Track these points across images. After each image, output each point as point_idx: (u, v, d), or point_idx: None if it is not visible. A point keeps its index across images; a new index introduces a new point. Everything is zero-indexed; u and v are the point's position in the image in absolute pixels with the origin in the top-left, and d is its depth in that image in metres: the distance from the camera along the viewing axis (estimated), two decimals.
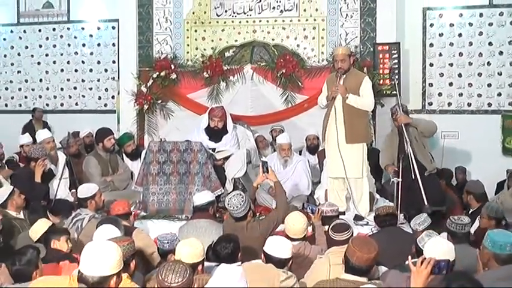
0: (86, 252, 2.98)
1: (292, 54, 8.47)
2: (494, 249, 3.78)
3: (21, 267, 3.82)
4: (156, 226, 6.31)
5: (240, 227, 5.20)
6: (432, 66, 9.35)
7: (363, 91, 6.27)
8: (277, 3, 8.71)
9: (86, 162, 7.35)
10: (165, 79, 8.62)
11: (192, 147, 6.76)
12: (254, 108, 8.57)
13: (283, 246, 4.19)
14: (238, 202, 5.24)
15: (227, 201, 5.34)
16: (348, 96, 6.17)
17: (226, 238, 4.47)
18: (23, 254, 3.88)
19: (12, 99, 10.77)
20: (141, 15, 8.97)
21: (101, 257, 2.93)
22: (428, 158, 6.83)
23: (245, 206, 5.29)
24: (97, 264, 2.92)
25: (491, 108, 9.17)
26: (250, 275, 3.59)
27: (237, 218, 5.29)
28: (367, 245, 3.67)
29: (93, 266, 2.92)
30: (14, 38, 10.66)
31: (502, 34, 9.07)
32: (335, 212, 5.62)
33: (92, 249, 2.99)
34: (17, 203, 5.77)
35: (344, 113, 6.27)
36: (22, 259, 3.84)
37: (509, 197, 7.68)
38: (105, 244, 3.12)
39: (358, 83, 6.28)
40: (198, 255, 3.96)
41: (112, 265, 2.95)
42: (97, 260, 2.93)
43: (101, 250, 2.99)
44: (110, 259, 2.95)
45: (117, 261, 2.98)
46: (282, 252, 4.13)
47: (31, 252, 3.91)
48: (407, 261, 3.51)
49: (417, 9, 9.26)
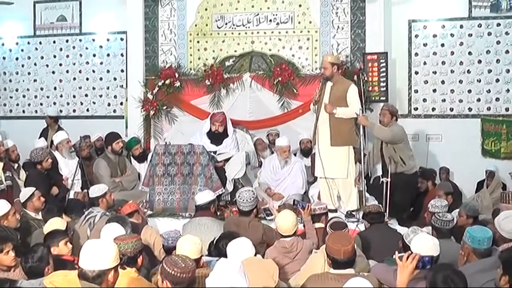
0: (85, 249, 2.97)
1: (287, 63, 8.45)
2: (474, 244, 3.83)
3: (34, 264, 3.81)
4: (162, 224, 6.33)
5: (243, 223, 5.22)
6: (417, 74, 9.33)
7: (350, 98, 6.34)
8: (274, 16, 8.70)
9: (96, 164, 7.36)
10: (170, 87, 8.60)
11: (195, 150, 6.77)
12: (253, 114, 8.56)
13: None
14: (249, 196, 5.33)
15: (238, 194, 5.40)
16: (335, 111, 6.24)
17: (229, 235, 4.46)
18: (34, 252, 3.87)
19: (29, 106, 10.74)
20: (148, 27, 8.96)
21: (99, 253, 2.93)
22: (398, 163, 6.71)
23: (253, 202, 5.37)
24: (95, 259, 2.91)
25: (471, 112, 9.15)
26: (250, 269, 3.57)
27: (242, 211, 5.32)
28: (344, 238, 3.72)
29: (92, 261, 2.91)
30: (31, 49, 10.63)
31: (480, 44, 9.07)
32: (323, 209, 5.62)
33: (90, 246, 2.99)
34: (35, 205, 5.77)
35: (330, 117, 6.34)
36: (34, 256, 3.83)
37: (488, 195, 7.72)
38: (102, 241, 3.15)
39: (344, 90, 6.34)
40: (198, 251, 3.95)
41: (109, 259, 2.93)
42: (95, 255, 2.92)
43: (98, 246, 2.99)
44: (107, 254, 2.94)
45: (113, 256, 2.97)
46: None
47: (42, 249, 3.90)
48: (394, 256, 3.51)
49: (403, 21, 9.25)
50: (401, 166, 6.70)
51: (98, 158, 7.62)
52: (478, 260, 3.81)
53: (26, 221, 5.43)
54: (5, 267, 3.97)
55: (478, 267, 3.71)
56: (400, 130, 6.81)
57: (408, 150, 6.87)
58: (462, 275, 3.21)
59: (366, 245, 4.97)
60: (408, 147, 6.94)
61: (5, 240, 3.99)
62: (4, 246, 3.95)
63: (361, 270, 3.96)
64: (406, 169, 6.73)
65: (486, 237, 3.84)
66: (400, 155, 6.70)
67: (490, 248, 3.85)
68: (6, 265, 3.98)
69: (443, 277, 3.15)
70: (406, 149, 6.84)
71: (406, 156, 6.75)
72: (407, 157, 6.77)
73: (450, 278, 3.13)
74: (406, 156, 6.75)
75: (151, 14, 8.94)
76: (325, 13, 8.55)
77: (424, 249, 3.61)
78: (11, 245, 3.99)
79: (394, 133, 6.72)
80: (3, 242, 3.96)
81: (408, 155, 6.81)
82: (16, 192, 6.16)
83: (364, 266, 4.21)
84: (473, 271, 3.65)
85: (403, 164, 6.70)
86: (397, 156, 6.68)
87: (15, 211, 5.14)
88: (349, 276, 3.36)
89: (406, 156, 6.74)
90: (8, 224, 4.89)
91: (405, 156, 6.74)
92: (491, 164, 8.39)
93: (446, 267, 3.28)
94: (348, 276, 3.42)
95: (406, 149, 6.83)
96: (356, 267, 3.71)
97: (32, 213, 5.72)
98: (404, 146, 6.79)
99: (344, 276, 3.47)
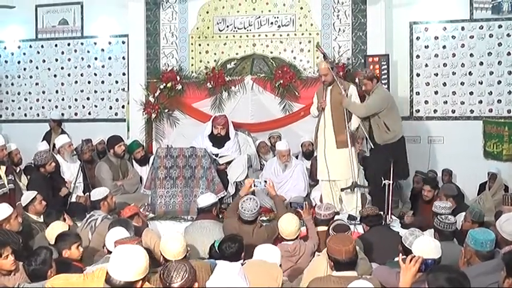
0: (116, 256, 2.93)
1: (289, 66, 8.46)
2: (476, 246, 3.82)
3: (37, 267, 3.82)
4: (164, 226, 6.33)
5: (246, 231, 5.17)
6: (419, 76, 9.33)
7: (351, 97, 6.39)
8: (275, 18, 8.71)
9: (98, 167, 7.37)
10: (172, 90, 8.61)
11: (196, 153, 6.76)
12: (254, 116, 8.56)
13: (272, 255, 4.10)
14: (252, 206, 5.24)
15: (241, 204, 5.31)
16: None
17: (232, 238, 4.46)
18: (37, 255, 3.87)
19: (31, 109, 10.75)
20: (149, 30, 8.98)
21: (129, 263, 2.88)
22: (382, 129, 6.47)
23: (257, 211, 5.30)
24: (125, 269, 2.87)
25: (473, 114, 9.15)
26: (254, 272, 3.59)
27: (246, 221, 5.26)
28: (345, 238, 3.71)
29: (121, 271, 2.87)
30: (33, 52, 10.64)
31: (482, 46, 9.06)
32: (331, 215, 5.52)
33: (122, 254, 2.93)
34: (37, 209, 5.77)
35: (333, 121, 6.36)
36: (37, 259, 3.83)
37: (490, 198, 7.71)
38: (135, 250, 3.03)
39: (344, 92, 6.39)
40: (183, 251, 4.00)
41: (139, 271, 2.90)
42: (126, 265, 2.88)
43: (130, 256, 2.93)
44: (138, 265, 2.90)
45: (144, 267, 2.93)
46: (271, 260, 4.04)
47: (45, 252, 3.90)
48: (397, 258, 3.50)
49: (404, 24, 9.25)
50: (386, 133, 6.44)
51: (100, 161, 7.62)
52: (480, 263, 3.80)
53: (28, 225, 5.42)
54: (4, 272, 3.96)
55: (481, 270, 3.70)
56: (379, 98, 6.48)
57: (393, 115, 6.56)
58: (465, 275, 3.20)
59: (367, 248, 4.96)
60: (393, 112, 6.60)
61: (4, 245, 3.98)
62: (3, 250, 3.93)
63: (364, 272, 3.95)
64: (391, 136, 6.46)
65: (489, 239, 3.83)
66: (384, 121, 6.44)
67: (492, 251, 3.84)
68: (5, 269, 3.96)
69: (447, 278, 3.12)
70: (391, 114, 6.53)
71: (391, 122, 6.46)
72: (393, 123, 6.48)
73: (455, 279, 3.11)
74: (391, 122, 6.46)
75: (152, 17, 8.96)
76: (327, 16, 8.56)
77: (426, 252, 3.61)
78: (9, 249, 3.97)
79: (369, 106, 6.44)
80: (2, 246, 3.95)
81: (393, 120, 6.51)
82: (18, 196, 6.17)
83: (366, 269, 4.20)
84: (476, 274, 3.63)
85: (387, 131, 6.44)
86: (381, 121, 6.45)
87: (17, 215, 5.14)
88: (352, 279, 3.35)
89: (391, 123, 6.45)
90: (10, 227, 4.88)
91: (390, 122, 6.45)
92: (493, 166, 8.38)
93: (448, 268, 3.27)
94: (351, 278, 3.41)
95: (391, 115, 6.52)
96: (358, 269, 3.70)
97: (33, 217, 5.73)
98: (387, 112, 6.47)
99: (346, 278, 3.46)
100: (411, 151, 9.21)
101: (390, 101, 6.61)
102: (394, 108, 6.66)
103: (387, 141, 6.46)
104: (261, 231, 5.20)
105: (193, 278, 3.10)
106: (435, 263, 3.47)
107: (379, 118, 6.45)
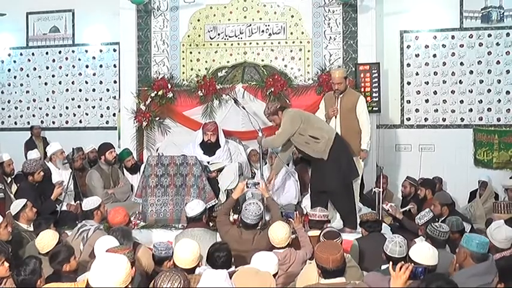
0: (96, 265, 2.87)
1: (280, 74, 8.47)
2: (472, 247, 3.89)
3: (26, 277, 3.80)
4: (155, 235, 6.32)
5: (247, 239, 5.17)
6: (409, 85, 9.42)
7: (359, 109, 6.61)
8: (266, 26, 8.74)
9: (89, 176, 7.35)
10: (163, 98, 8.60)
11: (187, 161, 6.75)
12: (245, 124, 8.53)
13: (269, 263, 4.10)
14: (255, 209, 5.25)
15: (245, 206, 5.31)
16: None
17: (219, 248, 4.44)
18: (26, 265, 3.85)
19: (21, 118, 10.73)
20: (140, 38, 8.96)
21: (108, 271, 2.81)
22: (312, 142, 6.19)
23: (260, 215, 5.29)
24: (103, 277, 2.80)
25: (463, 122, 9.23)
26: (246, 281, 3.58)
27: (247, 224, 5.26)
28: (332, 246, 3.67)
29: (99, 279, 2.80)
30: (23, 60, 10.65)
31: (471, 55, 9.17)
32: (325, 217, 5.58)
33: (102, 262, 2.87)
34: (29, 216, 5.74)
35: (342, 129, 6.55)
36: (27, 269, 3.81)
37: (480, 205, 7.76)
38: (116, 259, 2.94)
39: (354, 102, 6.63)
40: (196, 259, 3.98)
41: (117, 280, 2.81)
42: (104, 273, 2.81)
43: (110, 264, 2.85)
44: (117, 275, 2.82)
45: (123, 277, 2.84)
46: (268, 268, 4.03)
47: (34, 262, 3.88)
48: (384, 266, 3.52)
49: (395, 32, 9.34)
50: (317, 143, 6.15)
51: (91, 169, 7.60)
52: (474, 265, 3.88)
53: (17, 234, 5.40)
54: None
55: (472, 272, 3.80)
56: (288, 122, 6.27)
57: (313, 125, 6.28)
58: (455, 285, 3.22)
59: (361, 254, 5.00)
60: (311, 122, 6.31)
61: None
62: None
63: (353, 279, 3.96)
64: (324, 142, 6.15)
65: (485, 241, 3.96)
66: (309, 134, 6.19)
67: (487, 254, 3.93)
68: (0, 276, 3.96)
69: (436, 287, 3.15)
70: (310, 125, 6.25)
71: (315, 132, 6.20)
72: (317, 131, 6.21)
73: None
74: (316, 132, 6.20)
75: (144, 25, 8.95)
76: (318, 24, 8.58)
77: (424, 258, 3.66)
78: (2, 257, 3.97)
79: (282, 133, 6.33)
80: None
81: (316, 129, 6.24)
82: (8, 205, 6.12)
83: (358, 276, 4.20)
84: (470, 275, 3.76)
85: (317, 140, 6.15)
86: (306, 137, 6.19)
87: (6, 224, 5.11)
88: (340, 285, 3.36)
89: (316, 132, 6.19)
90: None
91: (315, 132, 6.19)
92: (484, 174, 8.44)
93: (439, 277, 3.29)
94: (339, 285, 3.42)
95: (310, 126, 6.24)
96: (347, 276, 3.70)
97: (24, 225, 5.69)
98: (305, 126, 6.21)
99: (335, 285, 3.46)
100: (402, 159, 9.34)
101: (302, 116, 6.36)
102: (310, 118, 6.43)
103: (325, 148, 6.16)
104: (261, 239, 5.18)
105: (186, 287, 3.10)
106: (428, 270, 3.50)
107: (302, 135, 6.22)
